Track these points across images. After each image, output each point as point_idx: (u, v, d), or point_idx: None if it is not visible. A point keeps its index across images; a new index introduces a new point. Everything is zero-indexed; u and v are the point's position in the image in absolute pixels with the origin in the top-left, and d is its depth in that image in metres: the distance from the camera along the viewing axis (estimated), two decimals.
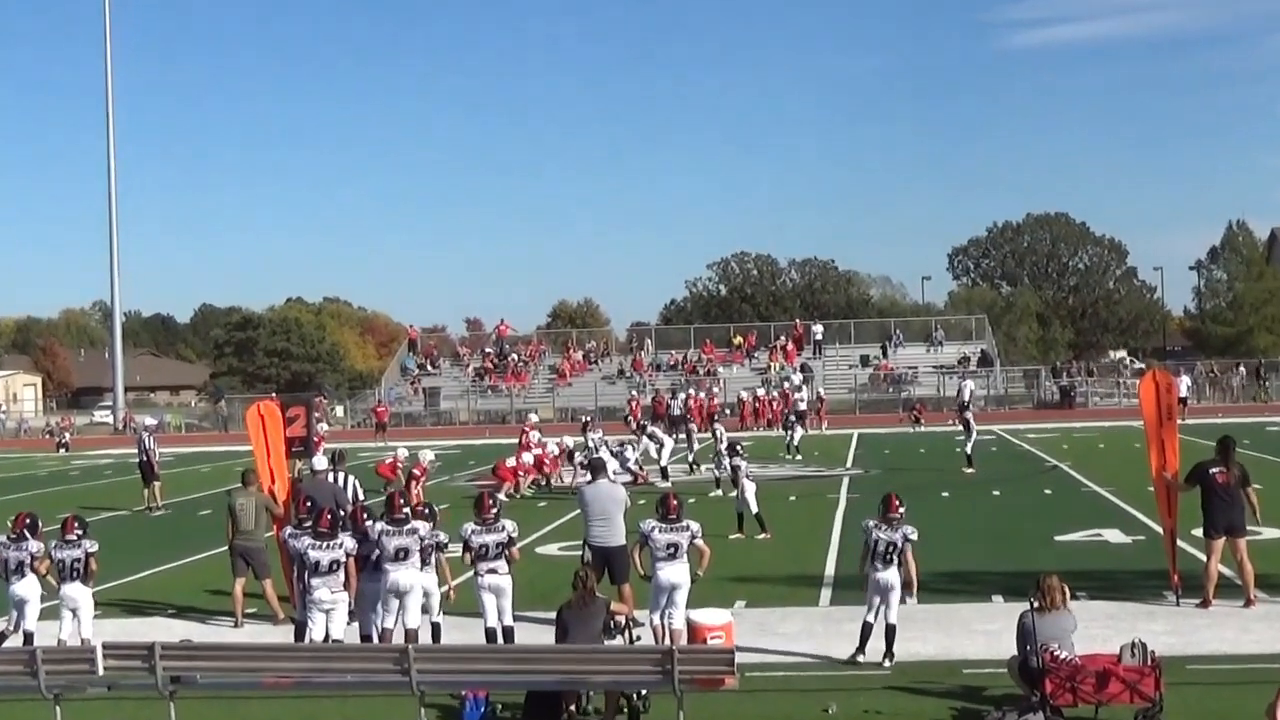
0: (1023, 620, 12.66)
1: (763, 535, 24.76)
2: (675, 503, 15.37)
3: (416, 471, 29.76)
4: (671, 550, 15.03)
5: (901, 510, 15.10)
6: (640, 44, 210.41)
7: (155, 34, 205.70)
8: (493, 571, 15.23)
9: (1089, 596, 17.50)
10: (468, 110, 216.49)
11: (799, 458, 43.99)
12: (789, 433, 47.81)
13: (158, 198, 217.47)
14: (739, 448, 26.81)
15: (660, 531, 15.09)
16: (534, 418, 41.41)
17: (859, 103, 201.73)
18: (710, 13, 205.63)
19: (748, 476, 25.63)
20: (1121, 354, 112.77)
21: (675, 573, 15.03)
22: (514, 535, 15.48)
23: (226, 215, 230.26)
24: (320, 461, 19.80)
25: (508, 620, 15.30)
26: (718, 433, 35.58)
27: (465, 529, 15.38)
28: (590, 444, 35.99)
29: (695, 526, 15.25)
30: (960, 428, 38.89)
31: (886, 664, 14.57)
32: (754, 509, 25.22)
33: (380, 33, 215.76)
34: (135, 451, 36.34)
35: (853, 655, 14.84)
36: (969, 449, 37.62)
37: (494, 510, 15.50)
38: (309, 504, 16.00)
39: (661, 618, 15.09)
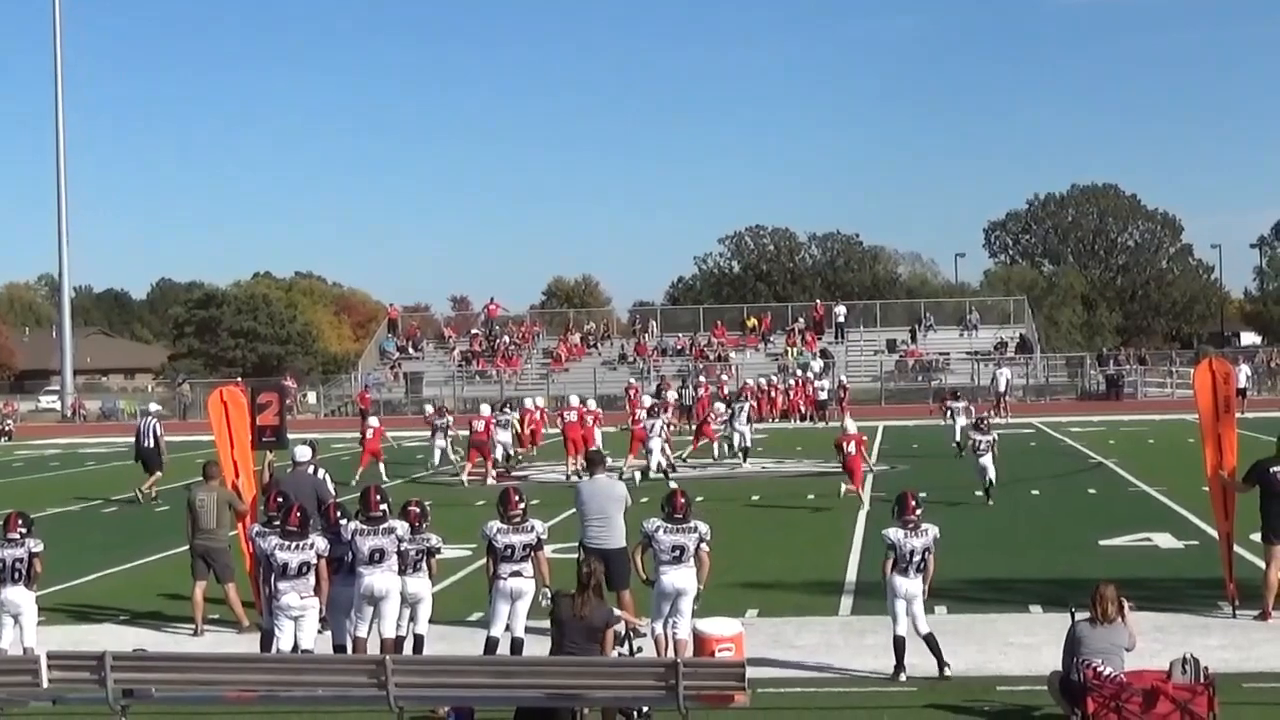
0: (1072, 632, 12.66)
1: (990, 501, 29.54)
2: (682, 501, 15.32)
3: None
4: (677, 553, 15.00)
5: (919, 511, 15.12)
6: (645, 3, 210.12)
7: None
8: (517, 575, 15.13)
9: (1136, 607, 17.37)
10: (453, 72, 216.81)
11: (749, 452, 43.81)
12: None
13: (111, 162, 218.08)
14: (984, 423, 31.54)
15: (665, 532, 15.06)
16: (575, 400, 42.00)
17: (886, 64, 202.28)
18: None
19: (980, 450, 30.50)
20: (1249, 335, 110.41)
21: (681, 578, 15.01)
22: (543, 537, 15.41)
23: (187, 181, 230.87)
24: (304, 452, 19.69)
25: (519, 630, 15.19)
26: (656, 428, 37.21)
27: (490, 527, 15.29)
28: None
29: (704, 528, 15.21)
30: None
31: (948, 673, 14.66)
32: (990, 476, 30.19)
33: None
34: (133, 440, 37.22)
35: (895, 674, 14.80)
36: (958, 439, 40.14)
37: (521, 508, 15.46)
38: (280, 500, 15.95)
39: (665, 627, 15.09)
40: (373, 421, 39.08)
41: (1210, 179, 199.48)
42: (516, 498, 15.54)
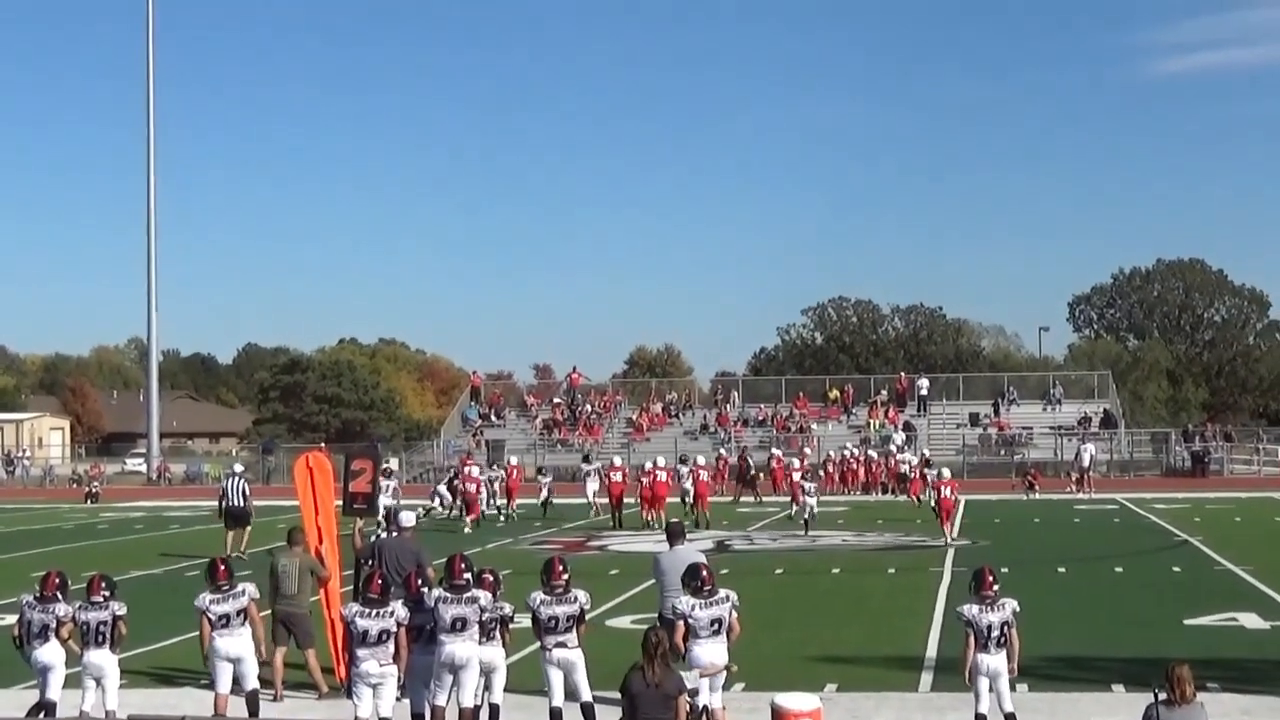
0: (1148, 715, 12.51)
1: None
2: (707, 573, 15.22)
3: None
4: (715, 626, 14.84)
5: (996, 586, 15.02)
6: (728, 70, 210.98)
7: (201, 53, 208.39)
8: (561, 645, 15.20)
9: (1221, 688, 17.27)
10: (537, 141, 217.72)
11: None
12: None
13: (200, 227, 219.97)
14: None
15: (701, 609, 14.86)
16: (649, 464, 45.27)
17: (970, 133, 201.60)
18: (806, 37, 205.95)
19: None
20: None
21: (719, 652, 14.88)
22: (586, 607, 15.45)
23: (274, 248, 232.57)
24: (408, 518, 19.64)
25: (585, 696, 15.24)
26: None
27: (533, 598, 15.36)
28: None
29: (733, 596, 15.12)
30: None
31: None
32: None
33: (446, 59, 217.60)
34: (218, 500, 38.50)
35: None
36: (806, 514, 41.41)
37: (565, 578, 15.48)
38: (369, 566, 16.02)
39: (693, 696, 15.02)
40: (513, 459, 48.61)
41: None
42: (560, 567, 15.59)
